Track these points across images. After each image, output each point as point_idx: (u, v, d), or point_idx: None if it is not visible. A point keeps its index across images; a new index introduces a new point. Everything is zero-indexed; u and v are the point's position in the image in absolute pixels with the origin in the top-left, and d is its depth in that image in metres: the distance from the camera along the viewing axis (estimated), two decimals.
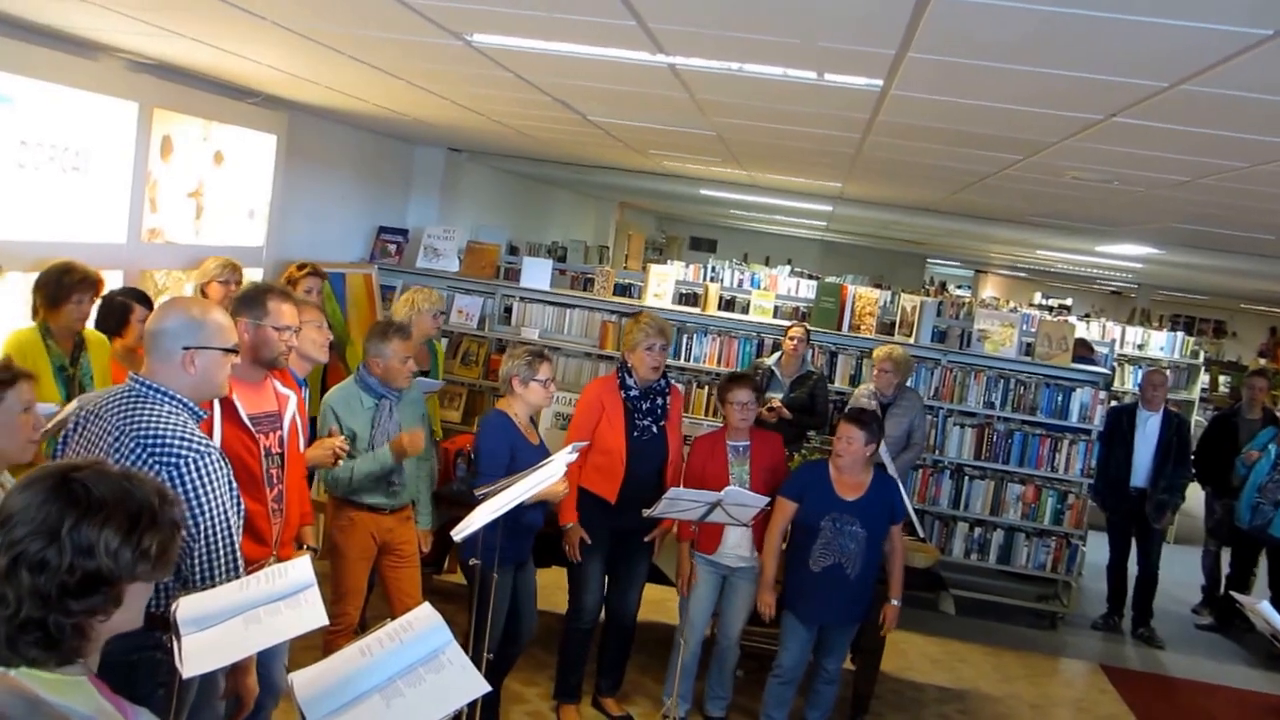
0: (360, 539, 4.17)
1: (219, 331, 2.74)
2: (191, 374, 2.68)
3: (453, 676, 2.61)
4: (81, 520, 1.46)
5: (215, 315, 2.78)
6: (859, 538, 4.36)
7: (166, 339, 2.68)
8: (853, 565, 4.36)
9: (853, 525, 4.36)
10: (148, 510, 1.52)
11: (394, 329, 4.25)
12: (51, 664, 1.47)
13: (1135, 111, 3.13)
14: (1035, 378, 6.90)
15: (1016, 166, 4.75)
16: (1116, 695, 5.99)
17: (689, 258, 19.19)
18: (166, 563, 1.54)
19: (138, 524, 1.50)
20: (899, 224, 10.93)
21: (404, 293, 5.66)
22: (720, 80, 3.69)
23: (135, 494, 1.52)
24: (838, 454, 4.40)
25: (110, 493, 1.50)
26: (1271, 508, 6.78)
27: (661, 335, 4.59)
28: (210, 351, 2.70)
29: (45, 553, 1.45)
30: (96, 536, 1.47)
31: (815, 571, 4.37)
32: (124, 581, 1.50)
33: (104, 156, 4.64)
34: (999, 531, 6.89)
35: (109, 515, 1.48)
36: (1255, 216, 5.37)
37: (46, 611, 1.45)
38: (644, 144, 6.41)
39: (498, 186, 10.49)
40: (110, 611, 1.50)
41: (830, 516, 4.36)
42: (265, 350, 3.24)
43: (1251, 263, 8.19)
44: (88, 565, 1.46)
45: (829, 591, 4.38)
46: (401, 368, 4.17)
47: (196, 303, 3.30)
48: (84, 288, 4.05)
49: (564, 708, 4.70)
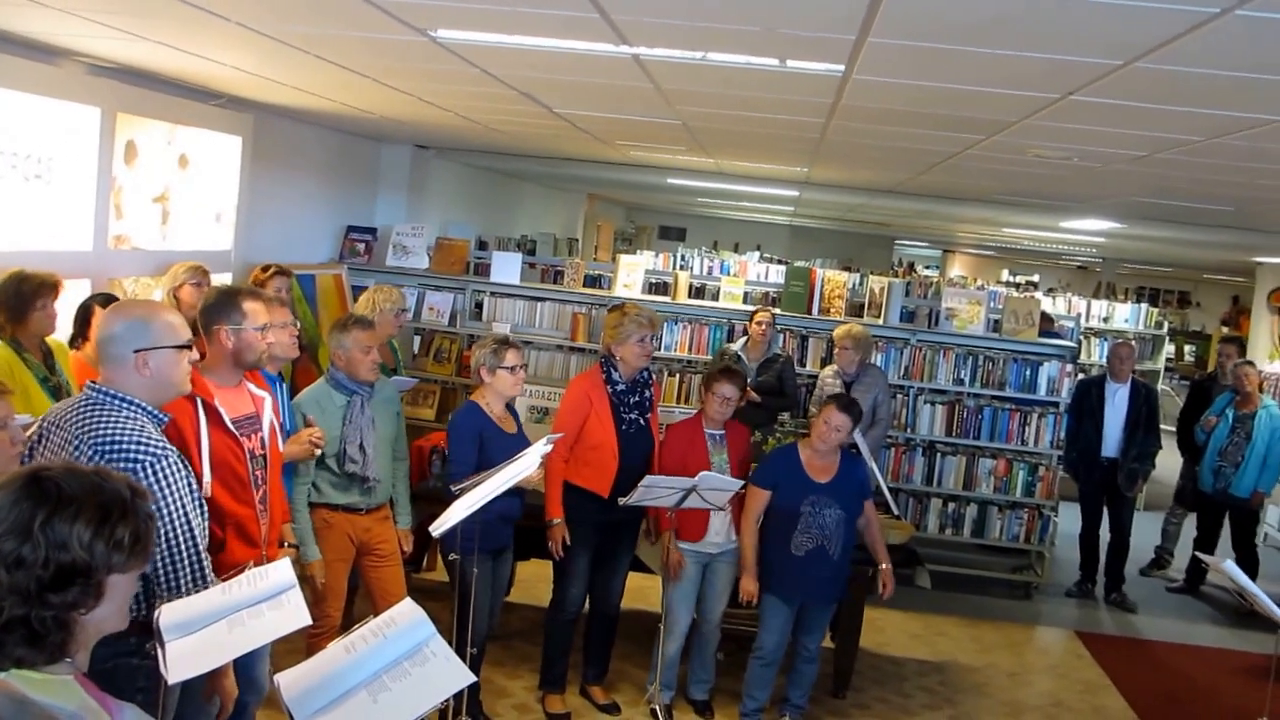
0: (337, 540, 4.17)
1: (168, 330, 2.71)
2: (146, 376, 2.66)
3: (438, 669, 2.63)
4: (53, 515, 1.50)
5: (163, 314, 2.77)
6: (838, 518, 4.42)
7: (116, 344, 2.66)
8: (834, 546, 4.43)
9: (831, 507, 4.42)
10: (118, 502, 1.55)
11: (354, 320, 4.26)
12: (39, 663, 1.49)
13: (1091, 90, 3.20)
14: (1003, 353, 7.00)
15: (979, 146, 4.81)
16: (1092, 660, 6.11)
17: (659, 247, 19.21)
18: (141, 553, 1.58)
19: (109, 516, 1.53)
20: (866, 206, 11.00)
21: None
22: (684, 70, 3.72)
23: (106, 488, 1.55)
24: (822, 438, 4.44)
25: (80, 488, 1.53)
26: (1232, 469, 6.95)
27: (651, 326, 4.62)
28: (163, 351, 2.68)
29: (20, 550, 1.48)
30: (69, 530, 1.50)
31: (798, 555, 4.42)
32: (101, 573, 1.53)
33: (67, 163, 4.60)
34: (972, 505, 6.99)
35: (80, 509, 1.51)
36: (1213, 188, 5.48)
37: (28, 608, 1.48)
38: (610, 135, 6.42)
39: (465, 182, 10.47)
40: (91, 605, 1.53)
41: (809, 500, 4.42)
42: (249, 353, 3.24)
43: (1212, 234, 8.34)
44: (62, 558, 1.49)
45: (812, 572, 4.44)
46: (364, 358, 4.15)
47: (141, 305, 3.29)
48: (44, 292, 3.98)
49: (549, 697, 4.74)
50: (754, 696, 4.63)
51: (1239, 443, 6.96)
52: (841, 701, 5.13)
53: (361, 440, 4.14)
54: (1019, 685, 5.65)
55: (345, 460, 4.12)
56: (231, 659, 2.65)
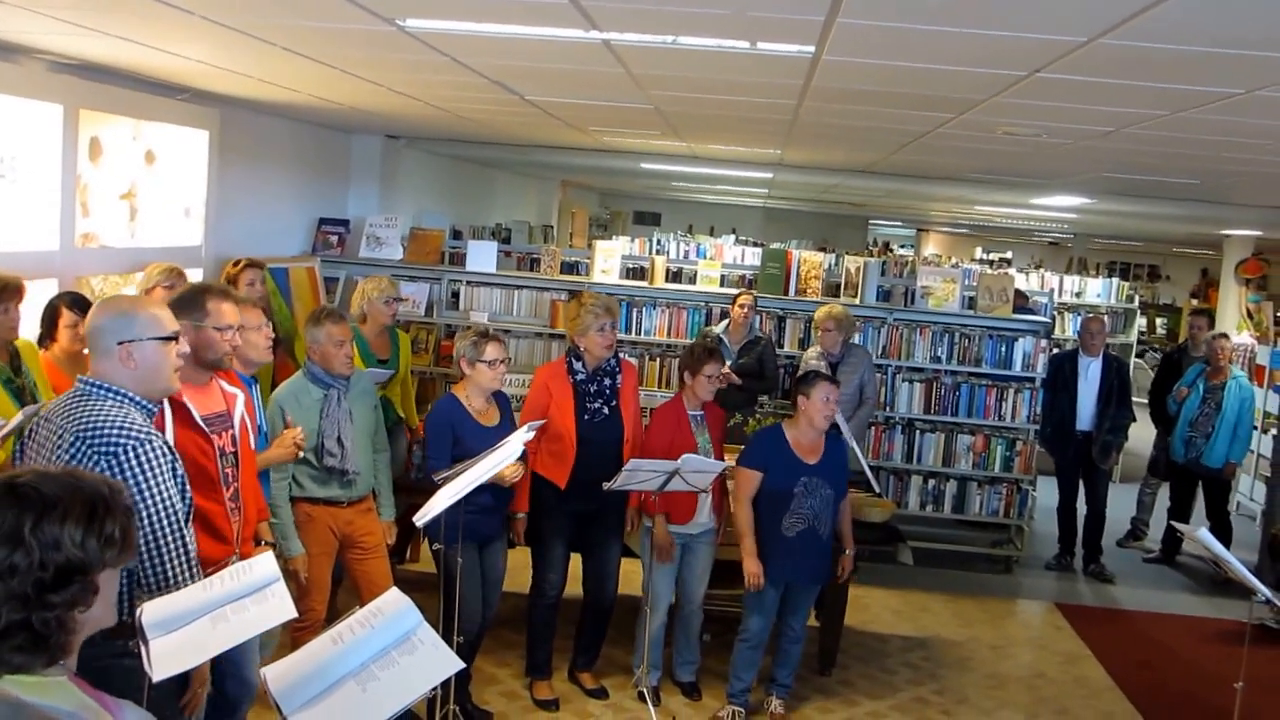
0: (319, 533, 4.17)
1: (152, 322, 2.71)
2: (131, 368, 2.66)
3: (426, 656, 2.64)
4: (41, 519, 1.49)
5: (148, 307, 2.77)
6: (828, 499, 4.46)
7: (102, 336, 2.67)
8: (824, 526, 4.46)
9: (823, 488, 4.45)
10: (101, 499, 1.56)
11: (325, 313, 4.24)
12: (38, 667, 1.49)
13: (1057, 67, 3.22)
14: (978, 330, 7.06)
15: (950, 125, 4.84)
16: (1072, 631, 6.20)
17: (634, 232, 19.20)
18: (129, 546, 1.59)
19: (96, 512, 1.54)
20: (839, 187, 11.04)
21: (348, 285, 5.62)
22: (655, 54, 3.71)
23: (84, 486, 1.56)
24: (824, 418, 4.44)
25: (60, 489, 1.53)
26: (1203, 440, 7.05)
27: (609, 314, 4.61)
28: (147, 343, 2.68)
29: (12, 558, 1.47)
30: (60, 531, 1.50)
31: (789, 536, 4.44)
32: (96, 569, 1.53)
33: (30, 162, 4.52)
34: (952, 482, 7.06)
35: (66, 509, 1.51)
36: (1180, 162, 5.54)
37: (28, 611, 1.48)
38: (583, 121, 6.41)
39: (437, 171, 10.40)
40: (90, 601, 1.54)
41: (802, 481, 4.44)
42: (208, 352, 3.21)
43: (1180, 207, 8.42)
44: (58, 558, 1.49)
45: (802, 553, 4.46)
46: (336, 351, 4.14)
47: (129, 298, 3.27)
48: (4, 296, 3.95)
49: (536, 684, 4.76)
50: (740, 678, 4.66)
51: (1209, 413, 7.06)
52: (827, 679, 5.19)
53: (339, 433, 4.13)
54: (1001, 658, 5.73)
55: (324, 454, 4.11)
56: (215, 655, 2.64)
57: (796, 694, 4.88)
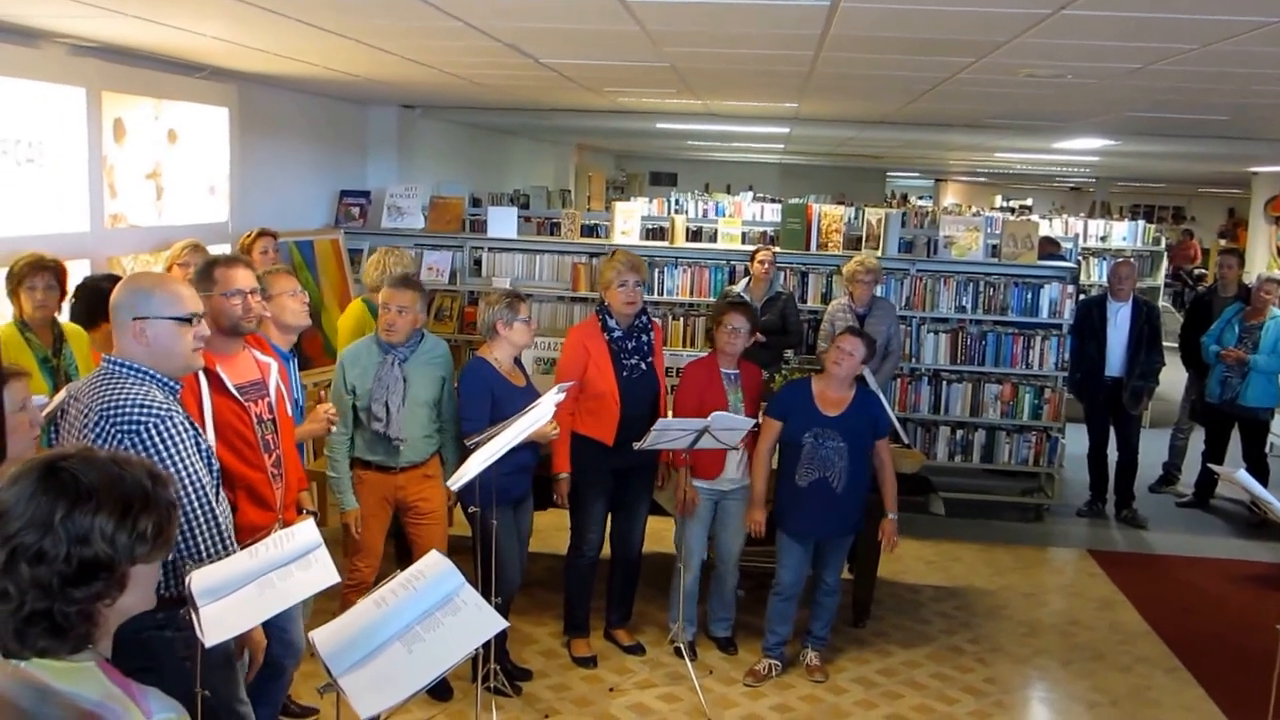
0: (370, 497, 4.26)
1: (169, 301, 2.70)
2: (144, 344, 2.66)
3: (470, 617, 2.69)
4: (73, 509, 1.45)
5: (168, 285, 2.77)
6: (841, 451, 4.46)
7: (120, 311, 2.69)
8: (838, 478, 4.47)
9: (835, 440, 4.46)
10: (139, 493, 1.51)
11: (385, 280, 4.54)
12: (63, 652, 1.47)
13: (1082, 3, 3.17)
14: (1003, 278, 7.00)
15: (970, 69, 4.77)
16: (1106, 577, 6.20)
17: (651, 193, 19.11)
18: (165, 542, 1.54)
19: (131, 508, 1.49)
20: (856, 139, 10.92)
21: (371, 254, 5.64)
22: (670, 9, 3.68)
23: (126, 478, 1.51)
24: (835, 363, 4.47)
25: (99, 479, 1.48)
26: (1239, 380, 6.97)
27: (634, 271, 4.61)
28: (160, 321, 2.66)
29: (41, 543, 1.44)
30: (90, 524, 1.46)
31: (802, 486, 4.48)
32: (124, 565, 1.49)
33: (58, 145, 4.57)
34: (980, 431, 7.04)
35: (100, 502, 1.47)
36: (1207, 97, 5.44)
37: (50, 602, 1.45)
38: (598, 82, 6.37)
39: (454, 140, 10.39)
40: (115, 596, 1.50)
41: (812, 432, 4.46)
42: (223, 318, 3.23)
43: (1206, 145, 8.29)
44: (84, 553, 1.45)
45: (817, 505, 4.49)
46: (384, 316, 4.21)
47: (151, 275, 3.31)
48: (29, 273, 3.99)
49: (575, 641, 4.83)
50: (776, 631, 4.71)
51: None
52: (862, 631, 5.23)
53: (387, 399, 4.17)
54: (1035, 605, 5.75)
55: (371, 418, 4.18)
56: (264, 619, 2.70)
57: (832, 646, 4.93)
